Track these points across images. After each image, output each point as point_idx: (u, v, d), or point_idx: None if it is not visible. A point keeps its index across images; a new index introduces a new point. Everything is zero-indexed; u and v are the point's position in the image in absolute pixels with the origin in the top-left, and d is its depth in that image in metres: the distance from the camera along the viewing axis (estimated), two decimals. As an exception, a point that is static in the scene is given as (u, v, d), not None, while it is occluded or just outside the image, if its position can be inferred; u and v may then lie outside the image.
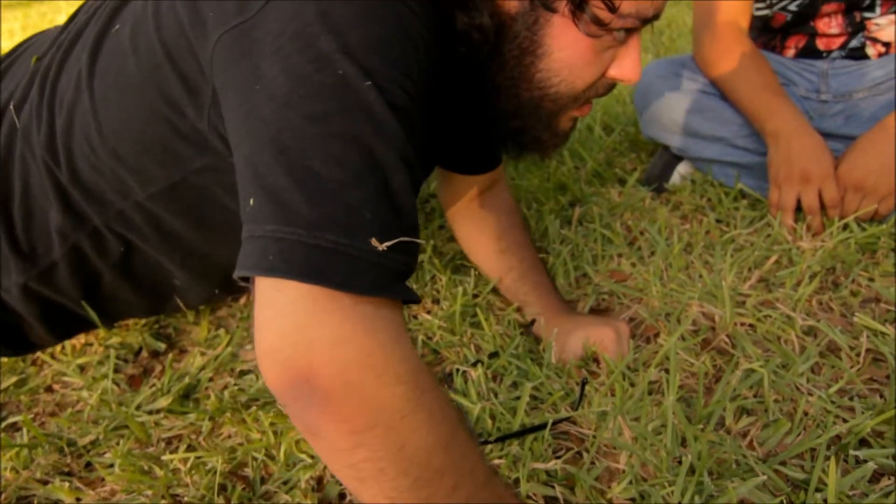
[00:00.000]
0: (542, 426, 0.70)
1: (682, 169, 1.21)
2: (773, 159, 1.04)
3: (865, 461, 0.63)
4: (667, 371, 0.78)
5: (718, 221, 1.10)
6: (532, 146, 0.72)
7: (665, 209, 1.14)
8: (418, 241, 0.54)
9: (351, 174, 0.49)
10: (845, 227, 1.00)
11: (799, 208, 1.03)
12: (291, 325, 0.47)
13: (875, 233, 0.97)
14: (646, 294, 0.93)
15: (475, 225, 0.97)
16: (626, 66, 0.65)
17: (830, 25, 1.17)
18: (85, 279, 0.78)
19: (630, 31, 0.63)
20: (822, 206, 1.01)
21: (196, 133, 0.62)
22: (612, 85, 0.68)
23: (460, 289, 0.94)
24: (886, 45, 1.17)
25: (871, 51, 1.18)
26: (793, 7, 1.17)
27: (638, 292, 0.94)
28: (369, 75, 0.51)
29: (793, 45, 1.23)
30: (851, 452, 0.65)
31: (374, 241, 0.49)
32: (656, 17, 0.62)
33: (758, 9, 1.21)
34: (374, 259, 0.49)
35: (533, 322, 0.89)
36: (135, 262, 0.78)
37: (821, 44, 1.20)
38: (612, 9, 0.59)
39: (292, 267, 0.47)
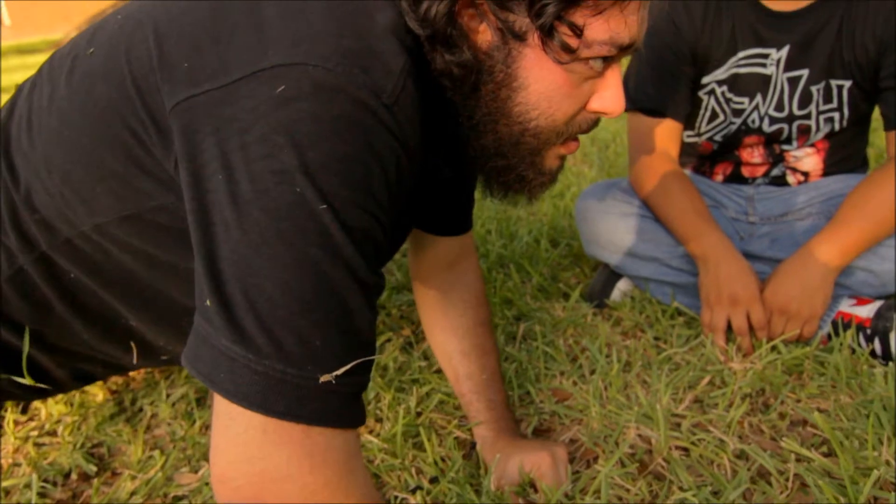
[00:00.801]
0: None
1: (622, 285, 1.26)
2: (704, 282, 1.10)
3: None
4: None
5: (656, 339, 1.14)
6: (517, 186, 0.69)
7: (606, 325, 1.18)
8: (372, 358, 0.56)
9: (303, 301, 0.50)
10: (773, 348, 1.04)
11: (730, 328, 1.08)
12: (243, 455, 0.50)
13: (800, 354, 1.01)
14: (586, 415, 0.95)
15: (442, 312, 0.94)
16: (608, 98, 0.64)
17: (753, 155, 1.27)
18: (34, 306, 0.74)
19: (607, 61, 0.62)
20: (751, 328, 1.06)
21: (161, 171, 0.61)
22: (596, 120, 0.67)
23: (402, 407, 0.95)
24: (805, 174, 1.27)
25: (791, 179, 1.28)
26: (718, 137, 1.26)
27: (578, 413, 0.96)
28: (326, 198, 0.52)
29: (721, 171, 1.32)
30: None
31: (322, 373, 0.51)
32: (633, 45, 0.61)
33: (688, 136, 1.30)
34: (323, 387, 0.50)
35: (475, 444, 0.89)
36: (84, 295, 0.74)
37: (746, 171, 1.30)
38: (578, 33, 0.58)
39: (241, 393, 0.49)
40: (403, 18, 0.60)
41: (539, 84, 0.61)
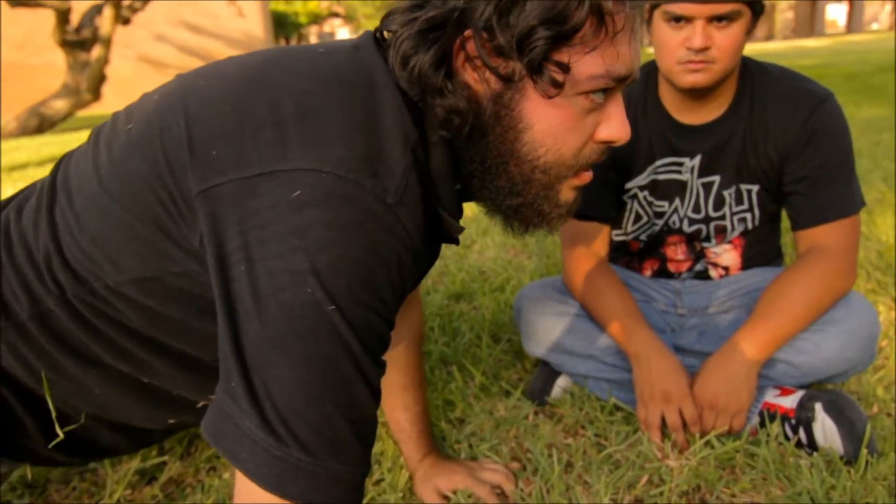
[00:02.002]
0: None
1: (561, 382, 1.29)
2: (637, 379, 1.14)
3: None
4: None
5: (597, 436, 1.16)
6: (535, 220, 0.72)
7: (548, 424, 1.20)
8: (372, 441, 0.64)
9: (315, 395, 0.58)
10: (706, 443, 1.08)
11: (665, 424, 1.11)
12: None
13: (731, 448, 1.05)
14: (530, 520, 0.95)
15: (390, 352, 1.01)
16: (612, 127, 0.68)
17: (677, 252, 1.35)
18: (57, 340, 0.75)
19: (607, 92, 0.66)
20: (685, 423, 1.10)
21: (186, 242, 0.65)
22: (605, 148, 0.70)
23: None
24: (725, 268, 1.35)
25: (713, 273, 1.35)
26: (643, 237, 1.34)
27: (522, 518, 0.96)
28: (334, 299, 0.58)
29: (649, 266, 1.39)
30: None
31: (333, 461, 0.58)
32: (630, 76, 0.66)
33: (616, 235, 1.37)
34: (333, 475, 0.58)
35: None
36: (104, 341, 0.75)
37: (671, 267, 1.37)
38: (566, 70, 0.62)
39: (261, 474, 0.57)
40: (405, 99, 0.65)
41: (542, 122, 0.65)
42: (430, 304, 1.71)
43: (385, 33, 0.70)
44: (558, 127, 0.65)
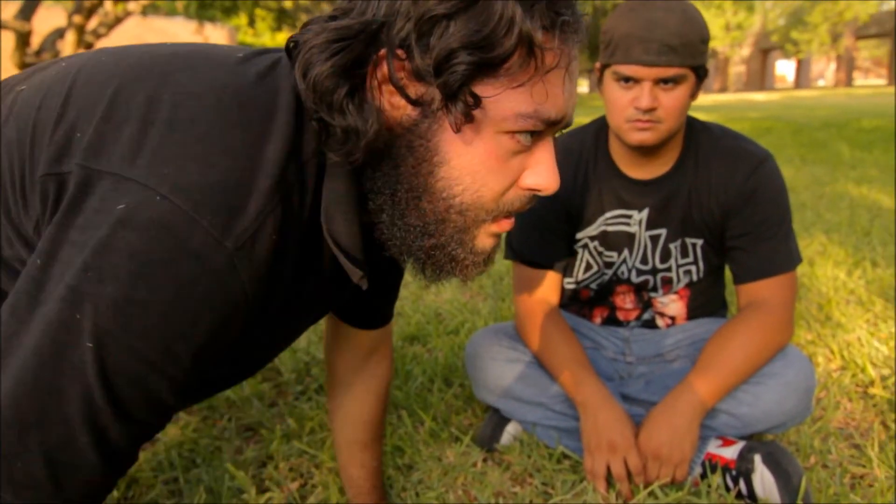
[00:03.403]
0: None
1: (510, 429, 1.30)
2: (584, 428, 1.16)
3: None
4: None
5: (544, 484, 1.17)
6: (449, 266, 0.65)
7: (497, 472, 1.20)
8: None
9: (22, 422, 0.52)
10: (650, 493, 1.10)
11: (610, 473, 1.13)
12: None
13: (674, 499, 1.07)
14: (474, 572, 0.95)
15: (351, 399, 1.01)
16: (540, 174, 0.62)
17: (625, 302, 1.38)
18: None
19: (535, 135, 0.60)
20: (630, 473, 1.12)
21: (24, 228, 0.60)
22: (530, 198, 0.64)
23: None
24: (672, 318, 1.38)
25: (660, 322, 1.39)
26: (593, 286, 1.37)
27: (466, 569, 0.96)
28: (99, 337, 0.51)
29: (598, 314, 1.42)
30: None
31: (9, 496, 0.52)
32: (562, 121, 0.60)
33: (568, 283, 1.40)
34: None
35: None
36: None
37: (620, 315, 1.40)
38: (477, 102, 0.56)
39: None
40: (302, 122, 0.59)
41: (460, 158, 0.59)
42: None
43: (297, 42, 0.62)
44: (478, 165, 0.59)
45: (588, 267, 1.35)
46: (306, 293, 0.70)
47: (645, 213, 1.28)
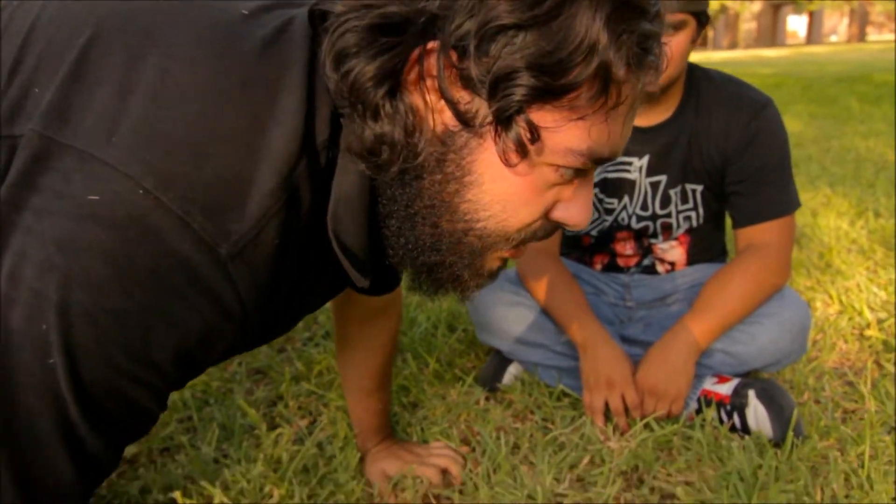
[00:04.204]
0: None
1: (512, 369, 1.34)
2: (584, 367, 1.19)
3: None
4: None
5: (544, 420, 1.21)
6: (450, 285, 0.59)
7: (498, 409, 1.24)
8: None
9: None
10: (646, 426, 1.14)
11: (608, 409, 1.17)
12: None
13: (669, 431, 1.11)
14: (475, 497, 0.99)
15: (360, 352, 1.02)
16: (574, 210, 0.55)
17: (625, 248, 1.40)
18: None
19: (580, 172, 0.53)
20: (627, 408, 1.16)
21: None
22: (554, 228, 0.57)
23: (294, 500, 0.96)
24: (672, 264, 1.41)
25: (660, 268, 1.41)
26: (594, 233, 1.39)
27: (469, 497, 1.00)
28: (70, 350, 0.44)
29: (599, 261, 1.45)
30: None
31: None
32: (612, 159, 0.54)
33: (569, 230, 1.42)
34: None
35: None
36: None
37: (621, 261, 1.42)
38: (535, 137, 0.48)
39: None
40: (314, 105, 0.51)
41: (496, 184, 0.51)
42: (389, 294, 1.74)
43: (326, 12, 0.52)
44: (514, 195, 0.52)
45: (589, 213, 1.37)
46: (307, 293, 0.64)
47: (645, 160, 1.30)
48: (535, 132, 0.48)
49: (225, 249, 0.47)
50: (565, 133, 0.49)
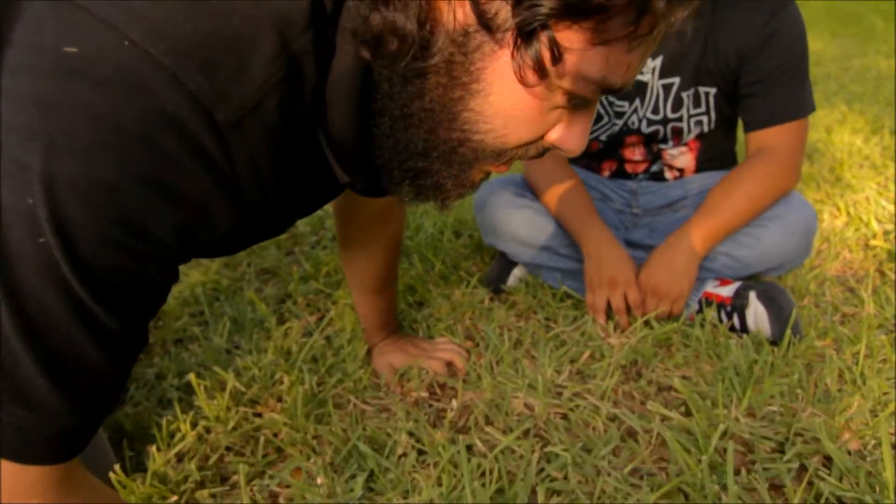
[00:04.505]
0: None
1: (517, 272, 1.35)
2: (588, 268, 1.21)
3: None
4: (487, 458, 0.86)
5: (547, 319, 1.23)
6: (432, 193, 0.57)
7: (502, 309, 1.26)
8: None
9: (18, 336, 0.43)
10: (647, 324, 1.16)
11: (610, 309, 1.19)
12: None
13: (669, 329, 1.13)
14: (478, 386, 1.03)
15: (363, 254, 1.03)
16: (571, 137, 0.53)
17: (634, 154, 1.39)
18: None
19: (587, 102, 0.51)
20: (629, 308, 1.18)
21: None
22: (545, 149, 0.55)
23: (304, 387, 1.00)
24: (680, 170, 1.40)
25: (668, 175, 1.40)
26: (603, 137, 1.38)
27: (472, 385, 1.04)
28: (63, 227, 0.41)
29: (607, 167, 1.44)
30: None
31: (22, 410, 0.45)
32: (621, 91, 0.51)
33: (578, 136, 1.41)
34: (22, 426, 0.46)
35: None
36: None
37: (629, 168, 1.42)
38: (557, 57, 0.45)
39: None
40: None
41: (503, 98, 0.49)
42: (396, 202, 1.75)
43: None
44: (518, 112, 0.50)
45: (599, 118, 1.35)
46: (304, 188, 0.62)
47: (658, 61, 1.27)
48: (557, 52, 0.45)
49: (223, 115, 0.44)
50: (585, 57, 0.46)
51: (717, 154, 1.39)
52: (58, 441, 0.48)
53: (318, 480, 0.84)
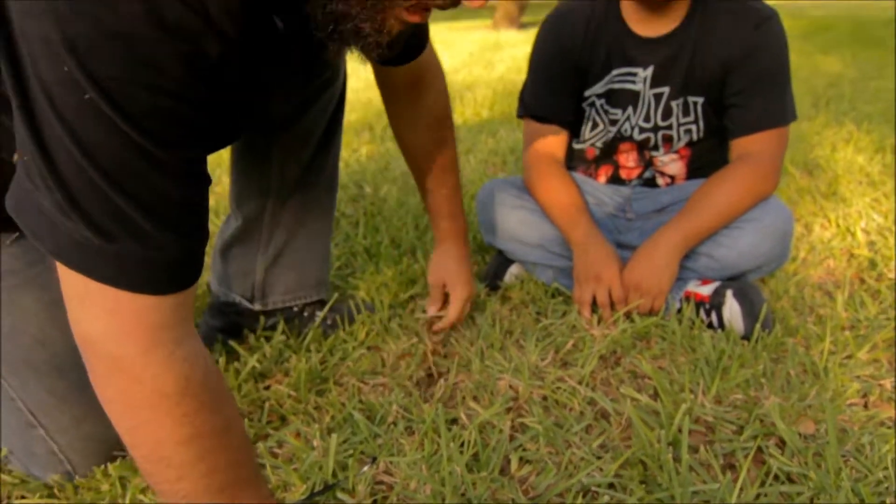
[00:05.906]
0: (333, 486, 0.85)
1: (513, 269, 1.44)
2: (576, 264, 1.29)
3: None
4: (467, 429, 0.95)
5: (538, 313, 1.32)
6: (353, 38, 0.62)
7: (496, 302, 1.35)
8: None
9: (98, 184, 0.53)
10: (628, 317, 1.24)
11: (595, 303, 1.27)
12: (73, 314, 0.60)
13: (649, 323, 1.21)
14: (469, 368, 1.12)
15: (411, 133, 1.09)
16: None
17: (628, 160, 1.47)
18: None
19: None
20: (613, 302, 1.26)
21: None
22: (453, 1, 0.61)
23: (309, 363, 1.09)
24: (672, 177, 1.48)
25: (660, 181, 1.48)
26: (599, 144, 1.46)
27: (464, 367, 1.12)
28: (96, 81, 0.50)
29: (603, 173, 1.52)
30: (598, 491, 0.84)
31: (132, 244, 0.56)
32: None
33: (576, 143, 1.50)
34: (134, 257, 0.57)
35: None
36: None
37: (623, 174, 1.50)
38: None
39: (62, 254, 0.56)
40: None
41: None
42: (408, 203, 1.84)
43: None
44: None
45: (594, 125, 1.44)
46: (281, 57, 0.71)
47: (650, 71, 1.35)
48: None
49: None
50: None
51: (709, 163, 1.46)
52: (175, 268, 0.59)
53: (315, 443, 0.94)
